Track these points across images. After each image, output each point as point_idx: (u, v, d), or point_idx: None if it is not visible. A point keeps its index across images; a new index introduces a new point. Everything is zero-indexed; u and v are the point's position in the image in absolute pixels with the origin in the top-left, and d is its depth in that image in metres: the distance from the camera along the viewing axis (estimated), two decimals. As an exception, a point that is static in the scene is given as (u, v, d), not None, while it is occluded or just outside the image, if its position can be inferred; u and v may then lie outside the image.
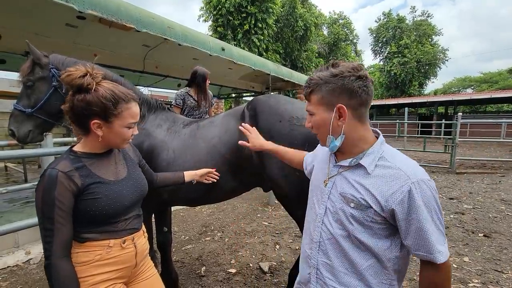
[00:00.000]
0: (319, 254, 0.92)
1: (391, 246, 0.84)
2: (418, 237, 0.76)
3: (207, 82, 3.23)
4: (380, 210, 0.80)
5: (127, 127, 1.01)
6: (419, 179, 0.78)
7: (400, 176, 0.79)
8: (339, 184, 0.90)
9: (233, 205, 4.56)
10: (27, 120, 1.73)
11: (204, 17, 17.24)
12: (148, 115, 1.93)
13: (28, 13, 3.31)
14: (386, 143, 0.90)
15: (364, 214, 0.82)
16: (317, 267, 0.93)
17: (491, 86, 29.79)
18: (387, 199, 0.79)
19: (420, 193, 0.76)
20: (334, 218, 0.89)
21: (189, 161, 1.78)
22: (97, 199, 0.95)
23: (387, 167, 0.82)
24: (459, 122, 7.07)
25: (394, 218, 0.79)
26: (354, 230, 0.84)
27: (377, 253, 0.83)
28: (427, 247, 0.76)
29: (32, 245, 2.93)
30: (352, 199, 0.84)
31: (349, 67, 0.83)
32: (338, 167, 0.92)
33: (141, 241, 1.11)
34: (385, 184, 0.80)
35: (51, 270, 0.87)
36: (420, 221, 0.75)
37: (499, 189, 5.32)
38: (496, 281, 2.36)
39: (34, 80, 1.69)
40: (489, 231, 3.36)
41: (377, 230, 0.82)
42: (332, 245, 0.89)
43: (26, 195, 4.45)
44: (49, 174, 0.90)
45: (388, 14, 31.12)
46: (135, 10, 3.50)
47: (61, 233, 0.88)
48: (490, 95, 18.52)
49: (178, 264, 2.67)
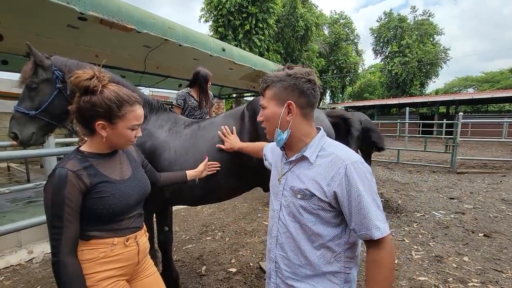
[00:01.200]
0: (277, 248, 0.99)
1: (341, 233, 0.90)
2: (359, 215, 0.82)
3: (209, 83, 3.25)
4: (324, 196, 0.87)
5: (131, 129, 1.04)
6: (353, 161, 0.86)
7: (337, 160, 0.87)
8: (290, 179, 0.98)
9: (233, 205, 4.58)
10: (30, 122, 1.72)
11: (205, 17, 17.27)
12: (150, 116, 1.95)
13: (30, 14, 3.34)
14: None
15: (310, 203, 0.89)
16: (275, 260, 1.00)
17: (493, 86, 29.68)
18: (328, 183, 0.86)
19: (356, 173, 0.83)
20: (287, 211, 0.96)
21: (190, 160, 1.80)
22: (104, 197, 0.98)
23: (326, 155, 0.91)
24: (460, 122, 7.06)
25: (338, 202, 0.86)
26: (304, 220, 0.91)
27: (328, 242, 0.89)
28: (366, 224, 0.81)
29: (34, 244, 2.96)
30: (298, 191, 0.92)
31: (302, 71, 0.93)
32: (288, 164, 1.00)
33: (143, 240, 1.15)
34: (325, 170, 0.88)
35: (59, 267, 0.89)
36: (358, 199, 0.82)
37: (500, 189, 5.31)
38: (495, 280, 2.36)
39: (38, 82, 1.68)
40: (489, 231, 3.36)
41: (326, 218, 0.89)
42: (287, 239, 0.96)
43: (29, 195, 4.49)
44: (59, 173, 0.92)
45: (389, 14, 31.04)
46: (135, 11, 3.52)
47: (69, 231, 0.91)
48: (491, 94, 18.47)
49: (179, 263, 2.69)
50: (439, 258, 2.75)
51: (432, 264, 2.65)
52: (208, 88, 3.29)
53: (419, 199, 4.75)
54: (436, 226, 3.55)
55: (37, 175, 6.40)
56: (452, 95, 23.68)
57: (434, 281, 2.37)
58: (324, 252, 0.90)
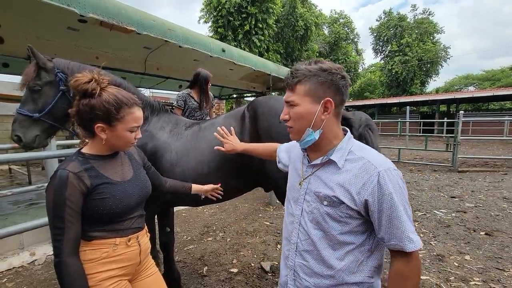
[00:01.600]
0: (297, 255, 0.93)
1: (365, 241, 0.85)
2: (390, 225, 0.77)
3: (209, 84, 3.26)
4: (353, 204, 0.81)
5: (130, 131, 1.04)
6: (386, 168, 0.80)
7: (368, 167, 0.81)
8: (313, 183, 0.91)
9: (234, 205, 4.59)
10: (34, 125, 1.71)
11: (204, 18, 17.29)
12: (151, 118, 1.96)
13: (30, 16, 3.35)
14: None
15: (338, 210, 0.83)
16: (294, 268, 0.94)
17: (494, 84, 29.61)
18: (358, 191, 0.80)
19: (389, 181, 0.78)
20: (310, 218, 0.90)
21: (191, 162, 1.81)
22: (105, 198, 0.99)
23: (356, 160, 0.85)
24: (460, 121, 7.05)
25: (367, 210, 0.81)
26: (329, 227, 0.85)
27: (352, 250, 0.84)
28: (398, 235, 0.77)
29: (36, 246, 2.97)
30: (324, 197, 0.85)
31: (336, 66, 0.86)
32: (311, 167, 0.94)
33: (144, 240, 1.16)
34: (355, 176, 0.82)
35: (61, 267, 0.90)
36: (391, 209, 0.77)
37: (501, 187, 5.30)
38: (497, 279, 2.36)
39: (41, 84, 1.68)
40: (491, 229, 3.35)
41: (353, 226, 0.83)
42: (309, 246, 0.89)
43: (30, 197, 4.50)
44: (60, 175, 0.94)
45: (389, 13, 31.03)
46: (135, 12, 3.53)
47: (70, 232, 0.92)
48: (492, 92, 18.41)
49: (181, 264, 2.70)
50: (440, 257, 2.75)
51: (433, 263, 2.65)
52: (209, 89, 3.30)
53: (420, 198, 4.75)
54: (437, 225, 3.54)
55: (38, 177, 6.42)
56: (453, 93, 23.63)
57: (435, 280, 2.37)
58: (348, 262, 0.84)
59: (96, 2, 3.05)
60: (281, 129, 1.62)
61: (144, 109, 1.92)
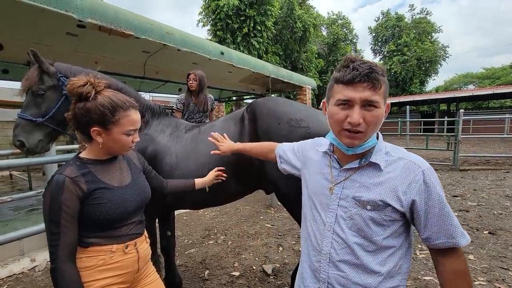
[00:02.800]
0: (330, 266, 0.86)
1: (403, 243, 0.83)
2: (440, 223, 0.76)
3: (197, 81, 3.26)
4: (400, 206, 0.78)
5: (126, 134, 1.03)
6: (428, 167, 0.79)
7: (411, 166, 0.79)
8: (350, 188, 0.85)
9: (235, 207, 4.57)
10: (36, 130, 1.70)
11: (203, 21, 17.35)
12: (152, 121, 1.96)
13: (29, 23, 3.37)
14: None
15: (382, 214, 0.79)
16: (328, 281, 0.86)
17: (494, 82, 29.60)
18: (405, 191, 0.78)
19: (435, 180, 0.78)
20: (349, 225, 0.84)
21: (191, 165, 1.80)
22: (102, 204, 0.98)
23: (395, 160, 0.82)
24: (461, 119, 7.03)
25: (413, 211, 0.78)
26: (373, 234, 0.80)
27: (392, 254, 0.81)
28: (449, 232, 0.75)
29: (37, 252, 2.95)
30: (368, 201, 0.80)
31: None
32: (345, 171, 0.88)
33: (143, 246, 1.13)
34: (400, 177, 0.79)
35: (57, 273, 0.89)
36: (440, 206, 0.76)
37: (503, 186, 5.27)
38: (502, 278, 2.34)
39: (45, 89, 1.68)
40: (494, 228, 3.33)
41: (394, 229, 0.81)
42: (347, 255, 0.83)
43: (31, 202, 4.49)
44: (56, 180, 0.93)
45: (387, 13, 31.14)
46: (133, 17, 3.54)
47: (66, 237, 0.91)
48: (492, 90, 18.37)
49: (182, 268, 2.68)
50: (444, 257, 2.72)
51: (437, 263, 2.62)
52: (191, 87, 3.29)
53: (422, 198, 4.72)
54: (440, 225, 3.52)
55: (39, 182, 6.41)
56: (453, 92, 23.60)
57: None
58: (389, 266, 0.81)
59: (94, 7, 3.06)
60: (280, 130, 1.62)
61: (145, 113, 1.92)
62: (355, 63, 0.77)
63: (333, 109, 0.82)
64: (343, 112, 0.79)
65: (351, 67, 0.77)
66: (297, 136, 1.56)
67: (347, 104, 0.78)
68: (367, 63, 0.77)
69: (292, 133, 1.58)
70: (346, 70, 0.78)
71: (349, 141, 0.80)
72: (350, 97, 0.76)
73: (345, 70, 0.78)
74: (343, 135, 0.81)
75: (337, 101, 0.79)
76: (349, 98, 0.76)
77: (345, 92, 0.77)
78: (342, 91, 0.78)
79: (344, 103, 0.78)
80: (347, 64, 0.79)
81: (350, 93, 0.76)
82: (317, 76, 22.30)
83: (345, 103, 0.78)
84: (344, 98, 0.77)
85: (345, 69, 0.78)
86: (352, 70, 0.76)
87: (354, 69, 0.76)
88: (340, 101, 0.78)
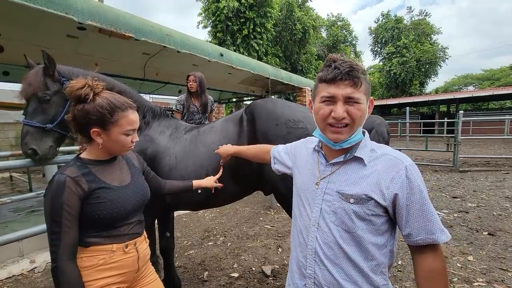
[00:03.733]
0: (316, 262, 0.87)
1: (387, 241, 0.84)
2: (420, 219, 0.77)
3: (195, 82, 3.30)
4: (382, 200, 0.79)
5: (125, 134, 1.04)
6: (410, 163, 0.81)
7: (394, 161, 0.81)
8: (335, 182, 0.87)
9: (235, 209, 4.57)
10: (46, 136, 1.68)
11: (203, 23, 17.42)
12: (152, 122, 1.97)
13: (30, 25, 3.39)
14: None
15: (365, 208, 0.80)
16: (314, 276, 0.87)
17: (493, 83, 29.64)
18: (387, 186, 0.79)
19: (417, 176, 0.79)
20: (332, 219, 0.85)
21: (190, 166, 1.81)
22: (102, 203, 0.99)
23: (379, 156, 0.84)
24: (460, 120, 7.04)
25: (395, 206, 0.80)
26: (355, 227, 0.81)
27: (377, 251, 0.82)
28: (429, 228, 0.76)
29: (36, 253, 2.95)
30: (351, 195, 0.82)
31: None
32: (331, 166, 0.90)
33: (143, 246, 1.14)
34: (383, 171, 0.81)
35: (57, 273, 0.90)
36: (421, 202, 0.77)
37: (503, 187, 5.27)
38: (501, 279, 2.33)
39: (51, 94, 1.64)
40: (494, 229, 3.32)
41: (377, 225, 0.82)
42: (331, 250, 0.84)
43: (31, 204, 4.49)
44: (58, 180, 0.94)
45: (386, 15, 31.23)
46: (133, 19, 3.56)
47: (67, 237, 0.92)
48: (492, 92, 18.41)
49: (181, 270, 2.68)
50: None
51: (436, 264, 2.62)
52: (191, 88, 3.32)
53: (422, 199, 4.71)
54: (439, 226, 3.52)
55: (39, 184, 6.42)
56: (452, 93, 23.64)
57: (438, 281, 2.34)
58: (374, 263, 0.82)
59: (95, 10, 3.08)
60: (278, 131, 1.63)
61: (146, 114, 1.93)
62: (336, 63, 0.81)
63: (318, 106, 0.85)
64: (327, 108, 0.82)
65: (333, 66, 0.81)
66: (295, 137, 1.56)
67: (331, 101, 0.81)
68: (347, 62, 0.80)
69: (290, 134, 1.59)
70: (328, 69, 0.82)
71: (334, 136, 0.83)
72: (333, 94, 0.80)
73: (327, 69, 0.82)
74: (328, 130, 0.84)
75: (322, 98, 0.83)
76: (332, 94, 0.80)
77: (328, 89, 0.81)
78: (326, 89, 0.82)
79: (328, 100, 0.82)
80: (330, 63, 0.82)
81: (333, 90, 0.80)
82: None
83: (329, 100, 0.82)
84: (327, 95, 0.81)
85: (328, 68, 0.82)
86: (334, 69, 0.80)
87: (335, 68, 0.80)
88: (324, 98, 0.82)
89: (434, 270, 0.77)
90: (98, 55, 4.51)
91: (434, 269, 0.77)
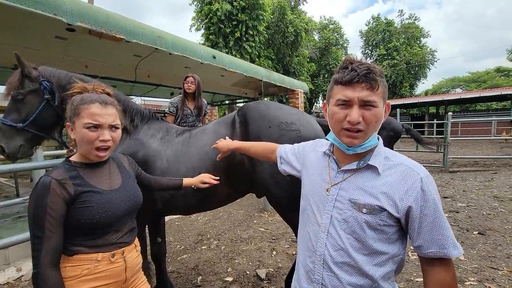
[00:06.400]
0: (324, 268, 0.85)
1: (399, 250, 0.82)
2: (433, 232, 0.75)
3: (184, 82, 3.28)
4: (395, 211, 0.77)
5: (86, 128, 0.97)
6: (426, 174, 0.78)
7: (409, 172, 0.78)
8: (347, 190, 0.84)
9: (229, 212, 4.54)
10: (17, 135, 1.68)
11: (196, 26, 17.38)
12: (141, 126, 1.93)
13: (17, 27, 3.31)
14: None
15: (378, 218, 0.78)
16: (322, 282, 0.85)
17: (480, 86, 30.43)
18: (401, 198, 0.77)
19: (432, 188, 0.77)
20: (343, 227, 0.83)
21: (182, 168, 1.79)
22: (89, 207, 0.95)
23: (394, 165, 0.81)
24: (449, 122, 7.19)
25: (408, 217, 0.78)
26: (367, 237, 0.79)
27: (387, 260, 0.80)
28: (441, 242, 0.74)
29: (23, 261, 2.86)
30: (364, 204, 0.80)
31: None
32: (343, 173, 0.87)
33: (132, 255, 1.09)
34: (397, 182, 0.78)
35: (38, 279, 0.86)
36: (435, 215, 0.75)
37: (491, 186, 5.39)
38: (492, 278, 2.37)
39: (25, 93, 1.65)
40: (484, 229, 3.38)
41: (389, 235, 0.80)
42: (340, 257, 0.82)
43: (18, 210, 4.36)
44: (43, 182, 0.91)
45: (377, 18, 31.81)
46: (124, 21, 3.52)
47: (50, 242, 0.88)
48: (479, 94, 18.89)
49: (174, 275, 2.63)
50: (435, 257, 2.75)
51: (428, 264, 2.65)
52: (201, 93, 3.30)
53: (414, 199, 4.77)
54: (431, 226, 3.56)
55: (26, 189, 6.23)
56: (441, 95, 24.17)
57: (431, 281, 2.36)
58: (383, 271, 0.80)
59: (84, 11, 3.03)
60: (271, 133, 1.62)
61: (134, 117, 1.90)
62: (353, 65, 0.79)
63: (333, 109, 0.83)
64: (343, 112, 0.80)
65: (349, 68, 0.79)
66: (287, 140, 1.56)
67: (347, 104, 0.79)
68: (365, 64, 0.78)
69: (283, 137, 1.58)
70: (345, 71, 0.79)
71: (349, 140, 0.81)
72: (349, 97, 0.78)
73: (344, 71, 0.80)
74: (343, 135, 0.82)
75: (337, 101, 0.81)
76: (348, 98, 0.78)
77: (344, 92, 0.79)
78: (341, 92, 0.79)
79: (344, 103, 0.79)
80: (346, 65, 0.80)
81: (349, 93, 0.78)
82: (309, 80, 22.53)
83: (345, 103, 0.79)
84: (343, 98, 0.79)
85: (344, 70, 0.80)
86: (350, 71, 0.78)
87: (352, 70, 0.78)
88: (340, 101, 0.80)
89: (444, 284, 0.75)
90: (88, 56, 4.43)
91: (445, 283, 0.75)
